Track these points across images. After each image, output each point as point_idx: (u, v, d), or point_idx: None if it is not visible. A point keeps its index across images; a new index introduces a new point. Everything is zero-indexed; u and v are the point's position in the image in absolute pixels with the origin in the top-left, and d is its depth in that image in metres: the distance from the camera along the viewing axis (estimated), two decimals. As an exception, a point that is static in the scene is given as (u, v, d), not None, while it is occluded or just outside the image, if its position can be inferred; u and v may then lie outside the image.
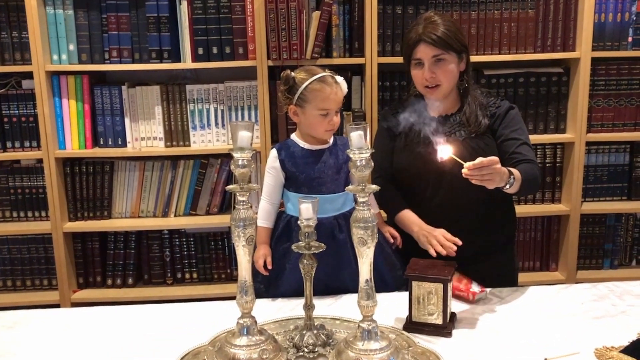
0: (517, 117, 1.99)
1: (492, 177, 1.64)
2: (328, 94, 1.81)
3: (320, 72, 1.84)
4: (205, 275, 2.83)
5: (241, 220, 1.40)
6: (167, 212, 2.77)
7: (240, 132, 1.37)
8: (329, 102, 1.81)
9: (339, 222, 1.85)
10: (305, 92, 1.81)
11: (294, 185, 1.87)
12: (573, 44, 2.64)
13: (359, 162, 1.35)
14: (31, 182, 2.75)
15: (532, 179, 1.83)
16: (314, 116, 1.82)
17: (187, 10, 2.55)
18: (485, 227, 1.97)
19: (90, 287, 2.80)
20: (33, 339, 1.60)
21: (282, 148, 1.89)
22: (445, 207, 1.94)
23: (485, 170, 1.62)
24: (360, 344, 1.37)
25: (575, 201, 2.72)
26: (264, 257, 1.85)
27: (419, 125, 1.93)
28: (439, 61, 1.90)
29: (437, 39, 1.88)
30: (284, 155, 1.87)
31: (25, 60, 2.59)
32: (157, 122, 2.68)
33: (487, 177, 1.63)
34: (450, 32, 1.90)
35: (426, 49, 1.89)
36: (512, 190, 1.76)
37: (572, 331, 1.56)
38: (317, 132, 1.86)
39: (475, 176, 1.62)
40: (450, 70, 1.92)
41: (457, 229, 1.83)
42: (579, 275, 2.79)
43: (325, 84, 1.81)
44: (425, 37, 1.89)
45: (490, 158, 1.62)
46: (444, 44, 1.88)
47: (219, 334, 1.55)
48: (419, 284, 1.56)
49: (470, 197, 1.90)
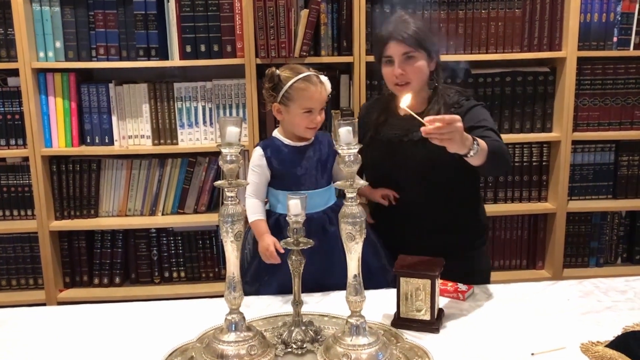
0: (481, 111, 1.95)
1: (452, 136, 1.56)
2: (312, 93, 1.82)
3: (305, 71, 1.84)
4: (193, 274, 2.82)
5: (229, 216, 1.39)
6: (154, 210, 2.76)
7: (228, 127, 1.37)
8: (313, 101, 1.82)
9: (329, 215, 1.86)
10: (289, 90, 1.82)
11: (281, 183, 1.86)
12: (559, 44, 2.66)
13: (347, 158, 1.35)
14: (17, 181, 2.72)
15: (499, 153, 1.77)
16: (298, 115, 1.83)
17: (175, 8, 2.55)
18: (452, 228, 1.97)
19: (76, 286, 2.78)
20: (19, 338, 1.58)
21: (268, 146, 1.88)
22: (411, 206, 1.95)
23: (446, 128, 1.54)
24: (349, 339, 1.37)
25: (562, 200, 2.74)
26: (273, 243, 1.76)
27: (383, 123, 1.98)
28: (409, 59, 1.90)
29: (408, 36, 1.89)
30: (269, 153, 1.86)
31: (11, 57, 2.57)
32: (144, 120, 2.67)
33: (447, 136, 1.55)
34: (421, 31, 1.91)
35: (397, 46, 1.90)
36: (477, 160, 1.68)
37: (559, 327, 1.57)
38: (300, 130, 1.86)
39: (434, 135, 1.55)
40: (420, 68, 1.92)
41: (423, 227, 1.90)
42: (565, 273, 2.82)
43: (310, 83, 1.82)
44: (395, 34, 1.90)
45: (452, 116, 1.57)
46: (414, 42, 1.89)
47: (206, 330, 1.55)
48: (407, 280, 1.57)
49: (436, 196, 1.94)
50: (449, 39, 2.63)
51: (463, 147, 1.62)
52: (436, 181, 1.94)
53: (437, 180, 1.94)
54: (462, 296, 1.73)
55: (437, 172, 1.92)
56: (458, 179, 1.95)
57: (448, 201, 1.97)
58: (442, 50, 2.58)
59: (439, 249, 1.72)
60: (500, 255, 2.87)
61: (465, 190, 2.01)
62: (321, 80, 1.85)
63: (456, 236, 1.98)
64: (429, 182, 1.94)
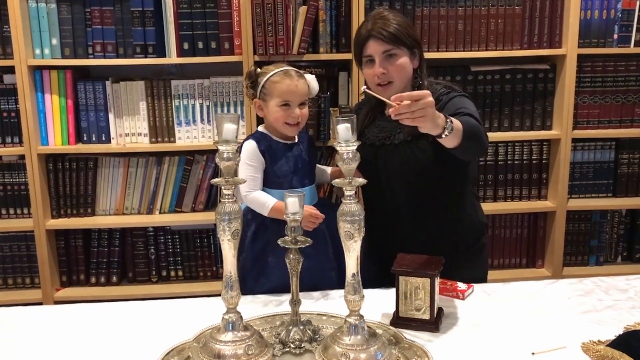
0: (461, 99, 1.84)
1: (425, 112, 1.46)
2: (287, 85, 1.82)
3: (285, 67, 1.85)
4: (190, 273, 2.80)
5: (226, 214, 1.38)
6: (152, 209, 2.74)
7: (225, 124, 1.35)
8: (289, 94, 1.82)
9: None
10: (266, 84, 1.83)
11: (270, 180, 1.85)
12: (559, 41, 2.65)
13: (346, 155, 1.33)
14: (13, 179, 2.70)
15: (475, 132, 1.67)
16: (275, 109, 1.83)
17: (172, 5, 2.53)
18: (439, 230, 1.89)
19: (73, 285, 2.77)
20: (16, 338, 1.56)
21: (260, 139, 1.86)
22: (396, 209, 1.89)
23: (415, 105, 1.45)
24: (347, 339, 1.36)
25: (561, 198, 2.73)
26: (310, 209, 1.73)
27: (369, 125, 1.93)
28: (390, 57, 1.83)
29: (387, 33, 1.81)
30: (263, 147, 1.84)
31: (7, 54, 2.55)
32: (141, 118, 2.65)
33: (418, 114, 1.46)
34: (401, 27, 1.83)
35: (376, 45, 1.83)
36: (452, 141, 1.60)
37: (559, 326, 1.55)
38: (279, 126, 1.85)
39: (405, 114, 1.46)
40: (402, 65, 1.84)
41: (408, 231, 1.85)
42: (565, 272, 2.80)
43: (286, 76, 1.83)
44: (374, 32, 1.82)
45: (420, 92, 1.48)
46: (394, 39, 1.82)
47: (204, 330, 1.53)
48: (406, 279, 1.55)
49: (420, 199, 1.87)
50: (449, 36, 2.61)
51: (436, 127, 1.53)
52: (420, 184, 1.87)
53: (421, 183, 1.87)
54: (461, 295, 1.72)
55: (419, 174, 1.85)
56: (442, 181, 1.87)
57: (433, 204, 1.89)
58: (425, 45, 2.57)
59: (428, 252, 1.66)
60: (499, 254, 2.86)
61: (451, 192, 1.91)
62: (300, 76, 1.85)
63: (446, 238, 1.89)
64: (413, 185, 1.87)
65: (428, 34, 2.60)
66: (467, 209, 1.96)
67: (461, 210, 1.94)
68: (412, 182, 1.87)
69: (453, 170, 1.88)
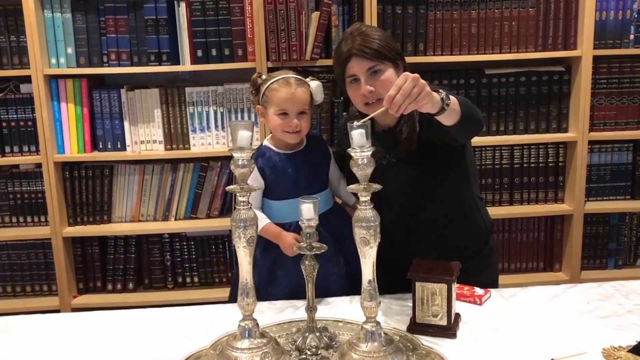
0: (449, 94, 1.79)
1: (421, 87, 1.42)
2: (285, 94, 1.80)
3: (288, 74, 1.83)
4: (206, 279, 2.81)
5: (242, 221, 1.38)
6: (167, 215, 2.75)
7: (240, 131, 1.35)
8: (286, 103, 1.80)
9: (329, 218, 1.84)
10: (266, 92, 1.83)
11: (276, 193, 1.84)
12: (574, 43, 2.62)
13: (361, 161, 1.33)
14: (30, 187, 2.73)
15: (468, 103, 1.62)
16: (273, 117, 1.82)
17: (186, 12, 2.54)
18: (442, 242, 1.84)
19: (90, 292, 2.78)
20: (32, 344, 1.58)
21: (258, 156, 1.85)
22: (396, 225, 1.79)
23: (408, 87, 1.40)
24: (364, 345, 1.35)
25: (579, 201, 2.70)
26: (295, 238, 1.76)
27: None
28: (375, 73, 1.76)
29: (369, 50, 1.74)
30: (261, 164, 1.84)
31: (24, 64, 2.58)
32: (156, 125, 2.66)
33: (416, 92, 1.41)
34: (382, 42, 1.77)
35: (359, 63, 1.76)
36: (453, 116, 1.54)
37: (579, 331, 1.53)
38: (278, 134, 1.85)
39: (405, 102, 1.42)
40: (389, 80, 1.75)
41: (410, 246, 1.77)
42: (583, 275, 2.77)
43: (285, 84, 1.80)
44: (356, 50, 1.75)
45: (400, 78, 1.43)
46: (377, 55, 1.75)
47: (220, 337, 1.53)
48: (422, 285, 1.54)
49: (421, 214, 1.84)
50: (462, 39, 2.60)
51: (435, 103, 1.49)
52: (418, 200, 1.83)
53: (419, 198, 1.83)
54: (479, 300, 1.70)
55: (417, 190, 1.82)
56: (441, 193, 1.84)
57: (434, 216, 1.85)
58: (438, 49, 2.55)
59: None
60: (516, 258, 2.83)
61: (452, 202, 1.87)
62: (300, 84, 1.82)
63: (451, 247, 1.82)
64: (411, 202, 1.83)
65: (441, 37, 2.59)
66: (470, 214, 1.92)
67: (464, 217, 1.90)
68: (410, 199, 1.83)
69: (452, 180, 1.85)
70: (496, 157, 2.74)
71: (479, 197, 2.00)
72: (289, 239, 1.78)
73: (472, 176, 1.93)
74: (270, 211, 1.87)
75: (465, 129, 1.66)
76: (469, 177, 1.90)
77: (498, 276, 2.04)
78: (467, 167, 1.89)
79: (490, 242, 1.99)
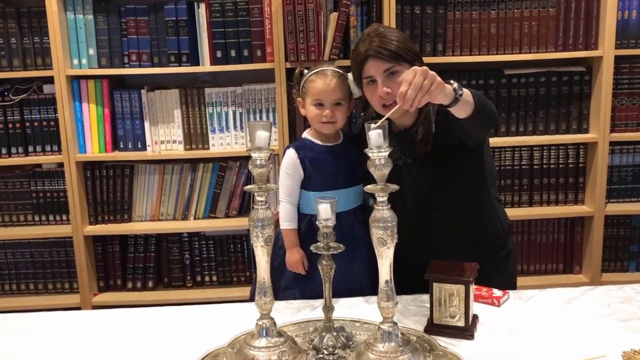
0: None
1: (432, 79, 1.41)
2: (320, 85, 1.85)
3: (325, 67, 1.89)
4: (224, 278, 2.83)
5: (259, 221, 1.39)
6: (186, 215, 2.78)
7: (258, 131, 1.36)
8: (321, 93, 1.85)
9: (357, 216, 1.88)
10: (305, 84, 1.89)
11: (313, 184, 1.88)
12: (595, 42, 2.60)
13: (378, 161, 1.33)
14: (52, 186, 2.77)
15: (482, 96, 1.60)
16: (310, 108, 1.88)
17: (206, 14, 2.56)
18: (465, 243, 1.83)
19: (110, 290, 2.82)
20: (54, 341, 1.60)
21: (300, 147, 1.91)
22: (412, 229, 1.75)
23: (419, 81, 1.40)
24: (381, 345, 1.35)
25: (599, 202, 2.67)
26: (301, 259, 1.87)
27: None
28: (392, 75, 1.75)
29: (386, 51, 1.73)
30: (303, 154, 1.89)
31: (47, 65, 2.62)
32: (176, 126, 2.69)
33: (427, 85, 1.40)
34: (399, 42, 1.76)
35: (376, 64, 1.75)
36: (466, 108, 1.52)
37: (598, 334, 1.52)
38: (315, 125, 1.90)
39: (417, 95, 1.42)
40: None
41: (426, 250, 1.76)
42: (603, 278, 2.74)
43: (321, 76, 1.86)
44: (372, 51, 1.75)
45: (408, 72, 1.44)
46: (393, 56, 1.74)
47: (238, 335, 1.54)
48: (440, 285, 1.54)
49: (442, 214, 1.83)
50: (482, 39, 2.58)
51: (447, 94, 1.48)
52: (433, 202, 1.82)
53: (434, 200, 1.82)
54: (497, 302, 1.69)
55: (432, 192, 1.81)
56: (457, 194, 1.82)
57: (450, 219, 1.83)
58: (457, 49, 2.54)
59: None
60: (536, 259, 2.81)
61: (468, 203, 1.84)
62: (336, 76, 1.87)
63: (467, 249, 1.79)
64: (426, 203, 1.82)
65: (460, 37, 2.58)
66: (487, 218, 1.90)
67: (480, 220, 1.88)
68: (426, 200, 1.82)
69: (468, 182, 1.83)
70: (516, 158, 2.72)
71: (497, 199, 1.98)
72: (297, 256, 1.87)
73: (490, 179, 1.91)
74: (306, 202, 1.90)
75: (480, 121, 1.64)
76: (486, 180, 1.88)
77: (516, 279, 2.01)
78: (484, 170, 1.88)
79: (507, 246, 1.96)
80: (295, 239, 1.89)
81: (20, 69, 2.63)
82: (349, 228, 1.86)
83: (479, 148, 1.84)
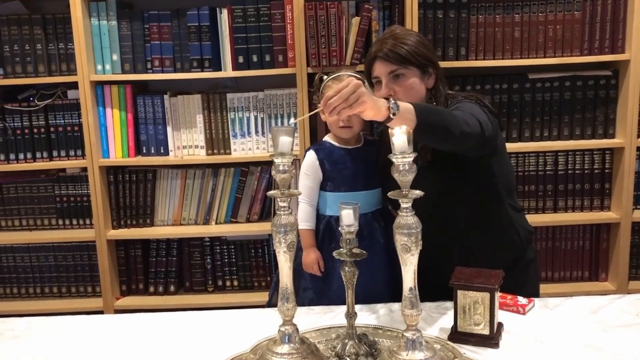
0: (468, 104, 1.73)
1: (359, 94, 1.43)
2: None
3: (342, 72, 1.89)
4: (245, 283, 2.83)
5: (282, 226, 1.38)
6: (208, 219, 2.78)
7: (281, 137, 1.36)
8: None
9: (377, 219, 1.89)
10: (323, 89, 1.90)
11: (332, 185, 1.90)
12: (622, 46, 2.55)
13: (402, 167, 1.32)
14: (76, 191, 2.80)
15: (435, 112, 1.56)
16: None
17: (228, 19, 2.57)
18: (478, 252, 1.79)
19: (132, 294, 2.83)
20: (78, 345, 1.61)
21: (319, 149, 1.93)
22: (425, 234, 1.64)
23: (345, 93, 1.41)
24: (405, 353, 1.34)
25: (626, 209, 2.62)
26: (317, 260, 1.88)
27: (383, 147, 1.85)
28: (397, 77, 1.77)
29: (393, 54, 1.75)
30: (322, 155, 1.91)
31: (71, 70, 2.65)
32: (198, 131, 2.70)
33: (353, 99, 1.42)
34: (411, 46, 1.76)
35: (381, 66, 1.78)
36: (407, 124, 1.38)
37: (627, 343, 1.48)
38: (334, 129, 1.92)
39: (339, 106, 1.43)
40: (411, 86, 1.76)
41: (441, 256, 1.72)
42: (630, 286, 2.69)
43: (337, 82, 1.84)
44: (380, 53, 1.77)
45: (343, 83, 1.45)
46: (400, 59, 1.75)
47: (260, 341, 1.54)
48: (464, 293, 1.52)
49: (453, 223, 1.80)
50: (505, 43, 2.56)
51: (379, 110, 1.46)
52: (441, 211, 1.78)
53: (444, 208, 1.79)
54: (522, 310, 1.66)
55: (441, 200, 1.76)
56: (467, 204, 1.80)
57: (459, 230, 1.81)
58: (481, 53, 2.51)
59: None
60: (561, 267, 2.77)
61: (480, 213, 1.81)
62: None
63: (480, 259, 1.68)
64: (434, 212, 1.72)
65: (484, 41, 2.55)
66: (500, 228, 1.85)
67: (493, 231, 1.84)
68: (433, 210, 1.74)
69: (477, 193, 1.80)
70: (540, 163, 2.69)
71: (516, 207, 1.91)
72: (313, 257, 1.88)
73: (504, 189, 1.85)
74: (325, 203, 1.92)
75: (429, 137, 1.58)
76: (498, 190, 1.83)
77: (539, 288, 1.97)
78: (494, 180, 1.82)
79: (527, 255, 1.90)
80: (312, 239, 1.91)
81: (45, 74, 2.66)
82: (368, 230, 1.87)
83: (486, 159, 1.79)
